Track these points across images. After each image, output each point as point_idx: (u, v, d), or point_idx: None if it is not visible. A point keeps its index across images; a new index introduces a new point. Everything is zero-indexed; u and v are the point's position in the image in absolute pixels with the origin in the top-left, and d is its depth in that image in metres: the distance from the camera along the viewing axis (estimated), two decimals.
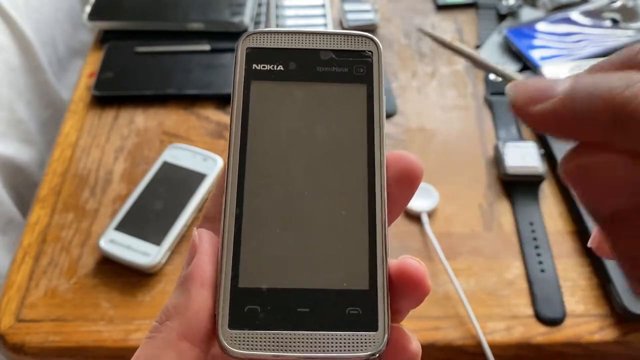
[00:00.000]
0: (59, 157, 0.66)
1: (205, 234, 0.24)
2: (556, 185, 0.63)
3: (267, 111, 0.26)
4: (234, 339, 0.22)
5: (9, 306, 0.54)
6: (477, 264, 0.57)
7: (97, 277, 0.56)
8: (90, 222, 0.60)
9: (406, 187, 0.25)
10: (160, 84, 0.72)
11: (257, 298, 0.23)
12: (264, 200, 0.24)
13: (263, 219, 0.24)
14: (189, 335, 0.22)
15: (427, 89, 0.73)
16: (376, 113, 0.26)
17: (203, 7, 0.79)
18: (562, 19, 0.77)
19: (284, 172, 0.25)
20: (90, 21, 0.78)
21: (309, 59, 0.26)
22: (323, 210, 0.24)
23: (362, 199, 0.24)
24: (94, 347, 0.52)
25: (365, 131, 0.25)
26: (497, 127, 0.68)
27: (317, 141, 0.25)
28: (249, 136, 0.25)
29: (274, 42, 0.27)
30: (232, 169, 0.25)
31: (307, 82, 0.26)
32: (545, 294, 0.54)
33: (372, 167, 0.25)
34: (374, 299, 0.23)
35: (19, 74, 0.74)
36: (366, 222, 0.24)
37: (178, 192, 0.60)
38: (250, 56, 0.27)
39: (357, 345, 0.22)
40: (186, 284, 0.23)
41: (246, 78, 0.26)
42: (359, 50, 0.27)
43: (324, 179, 0.25)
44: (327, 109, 0.26)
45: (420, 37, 0.80)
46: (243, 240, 0.24)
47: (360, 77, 0.26)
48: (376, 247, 0.24)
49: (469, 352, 0.52)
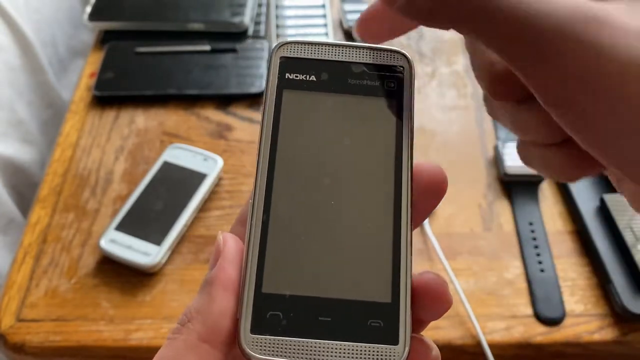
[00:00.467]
0: (59, 157, 0.66)
1: (229, 238, 0.24)
2: (556, 185, 0.63)
3: (297, 120, 0.26)
4: (255, 343, 0.22)
5: (9, 306, 0.54)
6: (477, 263, 0.57)
7: (98, 277, 0.56)
8: (90, 222, 0.60)
9: (431, 198, 0.25)
10: (160, 84, 0.72)
11: (279, 304, 0.23)
12: (290, 207, 0.25)
13: (289, 226, 0.24)
14: (210, 338, 0.22)
15: (427, 89, 0.74)
16: (405, 127, 0.26)
17: (203, 7, 0.79)
18: None
19: (312, 181, 0.25)
20: (91, 21, 0.78)
21: (341, 71, 0.27)
22: (349, 221, 0.25)
23: (388, 211, 0.25)
24: (95, 347, 0.52)
25: (394, 145, 0.26)
26: (497, 127, 0.68)
27: (345, 152, 0.26)
28: (279, 144, 0.26)
29: (308, 52, 0.27)
30: (261, 175, 0.25)
31: (338, 94, 0.27)
32: (544, 293, 0.54)
33: (399, 179, 0.25)
34: (396, 312, 0.23)
35: (20, 74, 0.74)
36: (391, 234, 0.24)
37: (178, 192, 0.60)
38: (283, 65, 0.27)
39: (376, 358, 0.22)
40: (209, 287, 0.23)
41: (279, 87, 0.26)
42: (391, 65, 0.27)
43: (351, 189, 0.25)
44: (356, 121, 0.26)
45: (420, 37, 0.80)
46: (268, 246, 0.24)
47: (391, 91, 0.27)
48: (400, 260, 0.24)
49: (468, 352, 0.52)
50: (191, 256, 0.58)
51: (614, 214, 0.56)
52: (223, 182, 0.63)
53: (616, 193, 0.58)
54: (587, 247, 0.58)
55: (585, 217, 0.58)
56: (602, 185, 0.60)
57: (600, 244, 0.56)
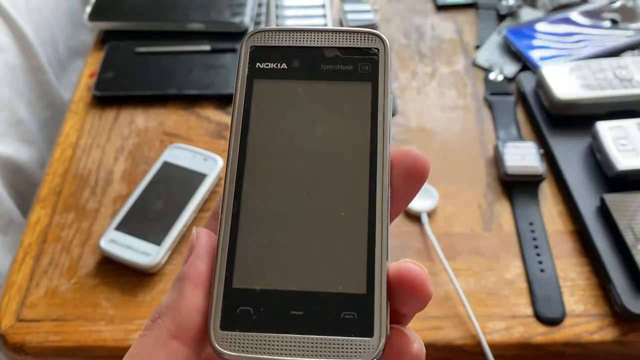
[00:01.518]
0: (59, 157, 0.66)
1: (203, 233, 0.24)
2: (556, 185, 0.63)
3: (269, 110, 0.25)
4: (226, 340, 0.22)
5: (9, 306, 0.54)
6: (477, 263, 0.57)
7: (98, 277, 0.56)
8: (90, 222, 0.60)
9: (413, 183, 0.24)
10: (160, 84, 0.72)
11: (250, 299, 0.22)
12: (261, 199, 0.24)
13: (260, 219, 0.24)
14: (180, 334, 0.22)
15: (427, 89, 0.74)
16: (380, 112, 0.25)
17: (203, 7, 0.79)
18: (561, 19, 0.77)
19: (284, 172, 0.24)
20: (91, 21, 0.78)
21: (314, 57, 0.26)
22: (322, 211, 0.24)
23: (363, 199, 0.24)
24: (95, 347, 0.52)
25: (369, 130, 0.25)
26: (497, 127, 0.68)
27: (318, 141, 0.25)
28: (250, 135, 0.25)
29: (278, 40, 0.26)
30: (231, 168, 0.24)
31: (311, 81, 0.26)
32: (544, 293, 0.54)
33: (374, 166, 0.24)
34: (371, 303, 0.22)
35: (20, 74, 0.74)
36: (366, 223, 0.23)
37: (178, 192, 0.60)
38: (253, 54, 0.26)
39: (350, 351, 0.22)
40: (180, 283, 0.23)
41: (249, 77, 0.26)
42: (365, 47, 0.26)
43: (325, 179, 0.24)
44: (330, 108, 0.25)
45: (420, 37, 0.80)
46: (239, 240, 0.23)
47: (365, 75, 0.26)
48: (375, 249, 0.23)
49: (468, 352, 0.52)
50: None
51: (614, 214, 0.56)
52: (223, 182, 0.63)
53: (616, 193, 0.58)
54: (587, 247, 0.58)
55: (585, 217, 0.58)
56: (602, 185, 0.60)
57: (600, 244, 0.56)
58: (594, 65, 0.68)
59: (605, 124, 0.62)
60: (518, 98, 0.71)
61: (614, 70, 0.67)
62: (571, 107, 0.66)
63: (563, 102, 0.65)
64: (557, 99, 0.65)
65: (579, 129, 0.65)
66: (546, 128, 0.66)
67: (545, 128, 0.66)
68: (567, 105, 0.66)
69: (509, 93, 0.72)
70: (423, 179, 0.24)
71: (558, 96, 0.65)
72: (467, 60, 0.76)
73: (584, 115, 0.66)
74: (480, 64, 0.75)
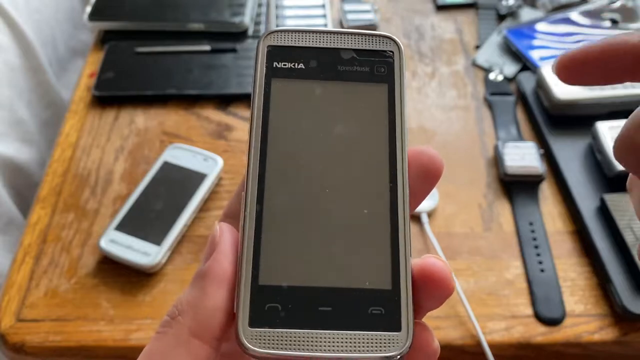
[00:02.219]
0: (59, 157, 0.66)
1: (226, 229, 0.24)
2: (556, 185, 0.63)
3: (287, 109, 0.26)
4: (255, 337, 0.22)
5: (9, 306, 0.54)
6: (477, 263, 0.57)
7: (98, 277, 0.56)
8: (90, 222, 0.60)
9: (427, 182, 0.25)
10: (160, 84, 0.72)
11: (277, 296, 0.22)
12: (284, 197, 0.24)
13: (284, 216, 0.24)
14: (200, 333, 0.22)
15: (427, 89, 0.74)
16: (397, 112, 0.26)
17: (203, 7, 0.79)
18: (561, 20, 0.77)
19: (305, 170, 0.25)
20: (91, 21, 0.78)
21: (330, 57, 0.26)
22: (345, 208, 0.24)
23: (384, 197, 0.24)
24: (95, 347, 0.52)
25: (387, 129, 0.25)
26: (497, 127, 0.68)
27: (338, 139, 0.25)
28: (270, 133, 0.25)
29: (295, 40, 0.27)
30: (253, 166, 0.24)
31: (328, 81, 0.26)
32: (544, 293, 0.54)
33: (393, 165, 0.25)
34: (397, 298, 0.23)
35: (20, 74, 0.74)
36: (388, 220, 0.24)
37: (178, 192, 0.60)
38: (271, 54, 0.26)
39: (379, 346, 0.22)
40: (202, 281, 0.22)
41: (267, 76, 0.26)
42: (380, 50, 0.27)
43: (345, 176, 0.25)
44: (347, 107, 0.26)
45: (420, 37, 0.80)
46: (264, 237, 0.23)
47: (381, 76, 0.26)
48: (399, 245, 0.23)
49: (468, 352, 0.52)
50: (191, 256, 0.58)
51: (614, 214, 0.56)
52: (223, 182, 0.63)
53: (616, 193, 0.58)
54: (587, 247, 0.58)
55: (585, 217, 0.58)
56: (602, 185, 0.60)
57: (600, 244, 0.56)
58: None
59: (605, 124, 0.62)
60: (518, 98, 0.71)
61: None
62: (571, 107, 0.66)
63: (563, 102, 0.65)
64: (557, 99, 0.66)
65: (579, 129, 0.65)
66: (546, 128, 0.66)
67: (545, 128, 0.66)
68: (567, 105, 0.66)
69: (509, 93, 0.72)
70: (437, 178, 0.25)
71: (558, 96, 0.66)
72: (467, 60, 0.76)
73: (584, 115, 0.66)
74: (480, 64, 0.75)
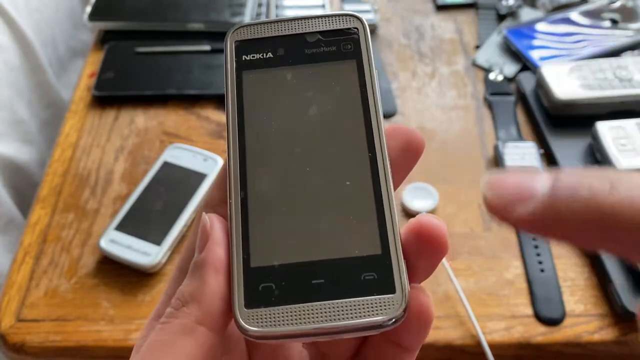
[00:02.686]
0: (59, 157, 0.66)
1: (216, 219, 0.24)
2: None
3: (261, 97, 0.26)
4: (252, 317, 0.22)
5: (9, 306, 0.54)
6: (477, 263, 0.57)
7: (98, 277, 0.56)
8: (90, 222, 0.60)
9: (409, 156, 0.25)
10: (160, 84, 0.72)
11: (270, 275, 0.23)
12: (267, 181, 0.25)
13: (268, 199, 0.24)
14: (206, 320, 0.22)
15: (427, 89, 0.74)
16: (368, 85, 0.26)
17: (203, 7, 0.79)
18: (561, 19, 0.77)
19: (284, 152, 0.25)
20: (91, 21, 0.78)
21: (297, 43, 0.27)
22: (327, 183, 0.25)
23: (365, 166, 0.25)
24: (95, 347, 0.52)
25: (360, 104, 0.26)
26: (497, 127, 0.68)
27: (313, 119, 0.26)
28: (246, 122, 0.26)
29: (261, 32, 0.27)
30: (233, 155, 0.25)
31: (298, 65, 0.27)
32: (544, 293, 0.54)
33: (370, 135, 0.25)
34: (388, 261, 0.23)
35: (20, 74, 0.74)
36: (371, 188, 0.24)
37: (178, 192, 0.60)
38: (239, 48, 0.27)
39: (376, 309, 0.22)
40: (200, 270, 0.23)
41: (237, 69, 0.27)
42: (345, 28, 0.27)
43: (325, 153, 0.25)
44: (320, 87, 0.26)
45: (420, 37, 0.80)
46: (251, 221, 0.24)
47: (348, 53, 0.27)
48: (384, 211, 0.24)
49: (468, 352, 0.52)
50: None
51: None
52: None
53: None
54: None
55: None
56: None
57: None
58: (594, 65, 0.68)
59: (605, 124, 0.62)
60: (518, 98, 0.71)
61: (613, 70, 0.67)
62: (571, 107, 0.66)
63: (563, 102, 0.65)
64: (557, 99, 0.65)
65: (579, 129, 0.65)
66: (546, 128, 0.66)
67: (545, 128, 0.66)
68: (567, 105, 0.66)
69: (509, 93, 0.72)
70: (419, 151, 0.25)
71: (558, 96, 0.65)
72: (467, 60, 0.76)
73: (584, 115, 0.66)
74: (480, 64, 0.75)
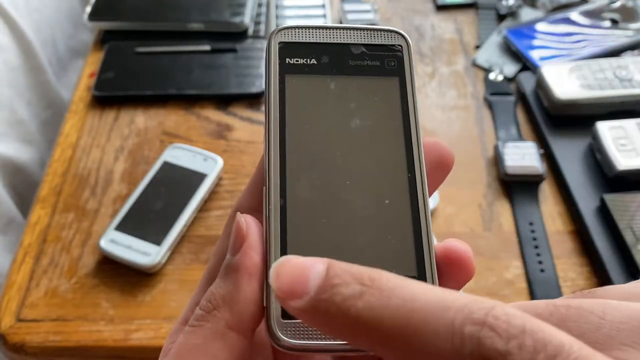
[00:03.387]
0: (59, 157, 0.66)
1: (252, 222, 0.24)
2: (556, 185, 0.63)
3: (303, 104, 0.26)
4: (288, 329, 0.22)
5: (9, 306, 0.54)
6: (477, 263, 0.57)
7: (98, 277, 0.56)
8: (90, 222, 0.60)
9: (440, 172, 0.25)
10: (160, 84, 0.72)
11: None
12: (307, 190, 0.25)
13: (307, 209, 0.24)
14: (237, 326, 0.22)
15: (427, 89, 0.74)
16: (410, 104, 0.26)
17: (203, 7, 0.79)
18: (561, 19, 0.77)
19: (325, 163, 0.25)
20: (91, 21, 0.78)
21: (341, 52, 0.27)
22: (366, 199, 0.24)
23: (404, 186, 0.25)
24: (95, 347, 0.52)
25: (401, 121, 0.26)
26: (497, 127, 0.68)
27: (354, 132, 0.26)
28: (287, 128, 0.25)
29: (306, 36, 0.27)
30: (274, 161, 0.25)
31: (341, 75, 0.27)
32: (544, 293, 0.54)
33: (410, 155, 0.25)
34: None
35: (19, 74, 0.74)
36: (409, 208, 0.24)
37: (178, 192, 0.60)
38: (283, 50, 0.27)
39: None
40: (234, 274, 0.23)
41: (280, 72, 0.26)
42: (389, 44, 0.27)
43: (364, 168, 0.25)
44: (361, 101, 0.26)
45: (420, 37, 0.80)
46: (289, 230, 0.24)
47: (391, 70, 0.27)
48: (421, 232, 0.24)
49: None
50: (191, 256, 0.58)
51: (614, 214, 0.56)
52: (223, 182, 0.63)
53: (616, 193, 0.58)
54: (587, 247, 0.58)
55: (585, 217, 0.58)
56: (602, 185, 0.60)
57: (600, 244, 0.56)
58: (594, 65, 0.68)
59: (605, 124, 0.62)
60: (518, 98, 0.71)
61: (614, 70, 0.67)
62: (571, 107, 0.66)
63: (563, 102, 0.65)
64: (557, 99, 0.65)
65: (579, 129, 0.65)
66: (546, 128, 0.66)
67: (545, 128, 0.66)
68: (567, 105, 0.66)
69: (509, 93, 0.72)
70: (450, 167, 0.26)
71: (558, 96, 0.65)
72: (467, 60, 0.76)
73: (584, 115, 0.66)
74: (480, 64, 0.75)
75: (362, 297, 0.18)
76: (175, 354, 0.22)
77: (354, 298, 0.18)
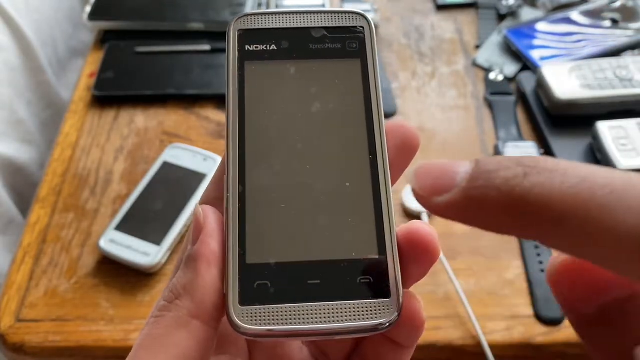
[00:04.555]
0: (59, 157, 0.66)
1: (210, 211, 0.24)
2: None
3: (263, 90, 0.26)
4: (246, 315, 0.22)
5: (9, 306, 0.54)
6: (477, 264, 0.57)
7: (97, 277, 0.56)
8: (90, 222, 0.60)
9: (406, 154, 0.25)
10: (160, 84, 0.72)
11: (266, 273, 0.23)
12: (266, 176, 0.24)
13: (267, 195, 0.24)
14: (200, 314, 0.22)
15: (427, 89, 0.73)
16: (372, 86, 0.26)
17: (203, 7, 0.79)
18: (561, 19, 0.77)
19: (285, 148, 0.25)
20: (91, 21, 0.78)
21: (302, 37, 0.27)
22: (326, 183, 0.24)
23: (365, 169, 0.24)
24: (94, 347, 0.52)
25: (363, 103, 0.25)
26: (497, 127, 0.68)
27: (315, 116, 0.25)
28: (247, 114, 0.25)
29: (265, 22, 0.27)
30: (233, 149, 0.25)
31: (301, 60, 0.26)
32: (545, 294, 0.54)
33: (372, 137, 0.25)
34: (385, 266, 0.23)
35: (19, 74, 0.74)
36: (370, 191, 0.24)
37: (178, 192, 0.60)
38: (242, 38, 0.26)
39: (371, 313, 0.22)
40: (194, 263, 0.23)
41: (240, 59, 0.26)
42: (350, 26, 0.27)
43: (325, 152, 0.25)
44: (322, 84, 0.26)
45: (420, 37, 0.80)
46: (248, 217, 0.24)
47: (353, 52, 0.26)
48: (382, 214, 0.24)
49: (469, 352, 0.52)
50: None
51: None
52: None
53: None
54: None
55: None
56: None
57: None
58: (594, 65, 0.68)
59: (605, 124, 0.62)
60: (518, 98, 0.71)
61: (614, 70, 0.67)
62: (571, 107, 0.66)
63: (563, 102, 0.65)
64: (557, 99, 0.65)
65: (579, 129, 0.65)
66: (546, 128, 0.66)
67: (545, 128, 0.66)
68: (567, 105, 0.66)
69: (509, 93, 0.72)
70: (414, 150, 0.25)
71: (558, 96, 0.65)
72: (467, 60, 0.76)
73: (584, 115, 0.66)
74: (481, 64, 0.75)
75: (528, 177, 0.17)
76: (138, 345, 0.22)
77: (517, 178, 0.17)
